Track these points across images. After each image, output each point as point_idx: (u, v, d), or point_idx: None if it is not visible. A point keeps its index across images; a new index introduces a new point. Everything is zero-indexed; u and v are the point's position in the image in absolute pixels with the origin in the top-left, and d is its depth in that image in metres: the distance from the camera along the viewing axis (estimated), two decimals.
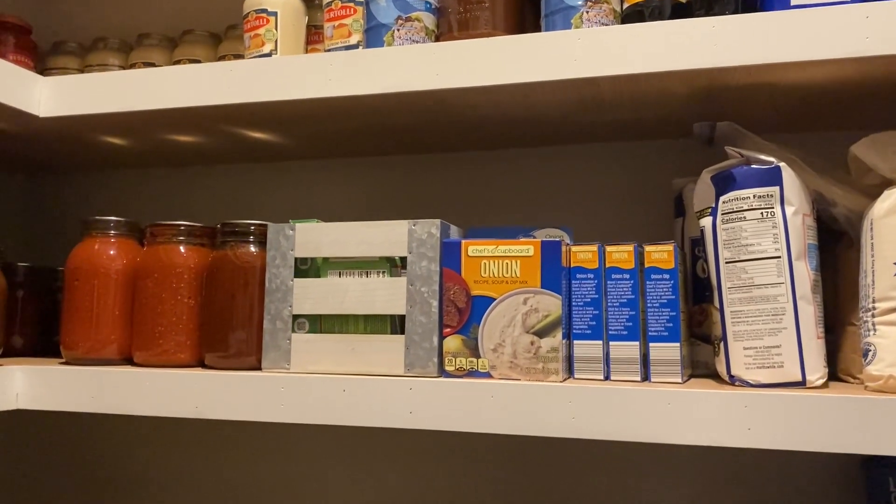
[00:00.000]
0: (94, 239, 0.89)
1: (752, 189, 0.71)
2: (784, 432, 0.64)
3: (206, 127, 0.96)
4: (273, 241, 0.82)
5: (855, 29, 0.67)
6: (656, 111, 0.86)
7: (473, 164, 1.08)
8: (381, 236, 0.79)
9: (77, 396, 0.83)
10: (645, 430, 0.67)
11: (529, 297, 0.73)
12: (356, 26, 0.88)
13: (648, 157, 1.01)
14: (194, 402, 0.79)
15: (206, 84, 0.85)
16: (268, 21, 0.93)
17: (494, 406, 0.71)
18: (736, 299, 0.71)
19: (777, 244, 0.70)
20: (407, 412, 0.73)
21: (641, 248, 0.75)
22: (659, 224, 0.99)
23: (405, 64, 0.79)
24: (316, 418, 0.76)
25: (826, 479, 0.92)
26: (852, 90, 0.77)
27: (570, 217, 1.04)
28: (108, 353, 0.87)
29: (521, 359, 0.73)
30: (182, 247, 0.87)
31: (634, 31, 0.73)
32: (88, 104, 0.90)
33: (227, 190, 1.20)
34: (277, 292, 0.81)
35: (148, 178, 1.24)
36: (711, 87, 0.77)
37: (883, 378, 0.66)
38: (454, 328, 0.75)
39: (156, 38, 1.15)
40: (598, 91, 0.78)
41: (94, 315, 0.87)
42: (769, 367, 0.69)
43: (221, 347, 0.83)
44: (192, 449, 1.16)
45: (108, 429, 1.21)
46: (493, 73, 0.76)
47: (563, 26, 0.78)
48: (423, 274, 0.77)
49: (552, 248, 0.73)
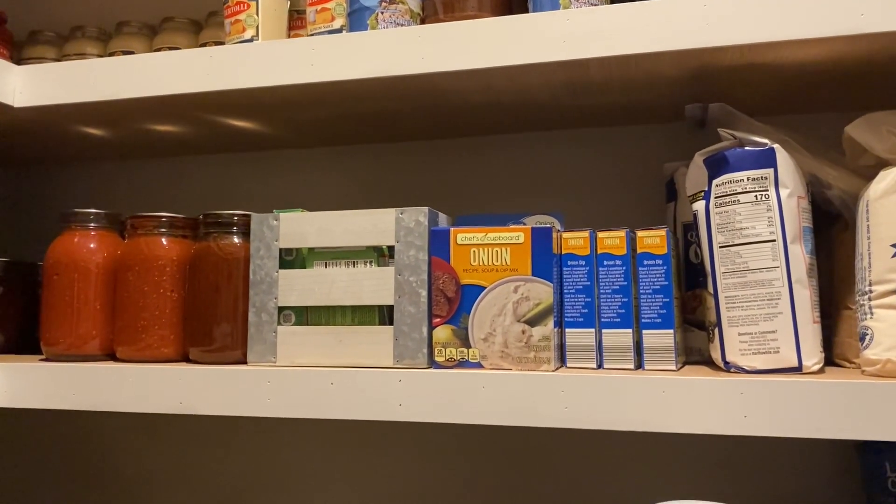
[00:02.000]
0: (74, 232, 0.87)
1: (745, 171, 0.70)
2: (780, 419, 0.63)
3: (187, 116, 0.94)
4: (257, 231, 0.80)
5: (849, 6, 0.66)
6: (647, 94, 0.84)
7: (462, 151, 1.06)
8: (367, 225, 0.77)
9: (57, 393, 0.81)
10: (639, 419, 0.66)
11: (520, 285, 0.72)
12: (339, 10, 0.86)
13: (639, 142, 1.00)
14: (178, 397, 0.77)
15: (185, 71, 0.83)
16: (249, 6, 0.90)
17: (485, 397, 0.70)
18: (730, 284, 0.69)
19: (772, 227, 0.68)
20: (396, 404, 0.72)
21: (633, 233, 0.74)
22: (651, 209, 0.98)
23: (390, 47, 0.76)
24: (303, 412, 0.74)
25: (822, 464, 0.91)
26: (847, 70, 0.75)
27: (561, 204, 1.02)
28: (90, 348, 0.85)
29: (512, 348, 0.72)
30: (164, 239, 0.85)
31: (623, 11, 0.71)
32: (65, 93, 0.87)
33: (212, 181, 1.18)
34: (262, 284, 0.79)
35: (130, 170, 1.22)
36: (703, 69, 0.75)
37: (880, 362, 0.65)
38: (444, 318, 0.74)
39: (135, 25, 1.12)
40: (588, 73, 0.76)
41: (75, 310, 0.85)
42: (765, 353, 0.68)
43: (206, 341, 0.81)
44: (179, 443, 1.14)
45: (93, 425, 1.19)
46: (480, 55, 0.74)
47: (551, 7, 0.76)
48: (412, 263, 0.75)
49: (542, 234, 0.72)
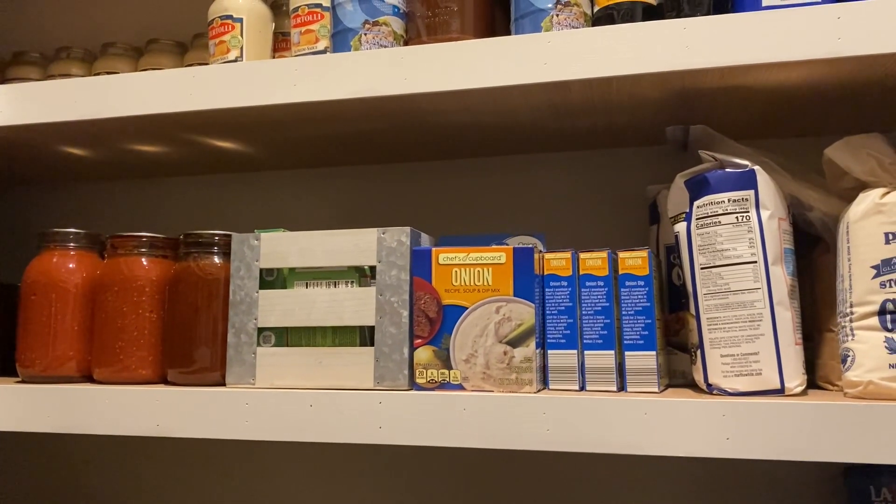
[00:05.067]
0: (53, 252, 0.86)
1: (726, 193, 0.70)
2: (763, 441, 0.62)
3: (170, 136, 0.94)
4: (237, 251, 0.79)
5: (827, 29, 0.66)
6: (629, 116, 0.85)
7: (446, 174, 1.06)
8: (349, 245, 0.76)
9: (32, 416, 0.79)
10: (621, 442, 0.65)
11: (502, 305, 0.71)
12: (323, 32, 0.86)
13: (622, 165, 1.00)
14: (155, 419, 0.76)
15: (168, 91, 0.83)
16: (233, 27, 0.91)
17: (467, 419, 0.69)
18: (712, 305, 0.69)
19: (753, 249, 0.68)
20: (376, 427, 0.71)
21: (615, 254, 0.74)
22: (634, 232, 0.98)
23: (372, 68, 0.77)
24: (282, 435, 0.73)
25: (808, 488, 0.90)
26: (826, 93, 0.76)
27: (545, 227, 1.02)
28: (67, 370, 0.84)
29: (493, 369, 0.71)
30: (144, 259, 0.84)
31: (605, 34, 0.71)
32: (47, 112, 0.86)
33: (195, 203, 1.17)
34: (242, 304, 0.78)
35: (113, 191, 1.21)
36: (684, 91, 0.76)
37: (862, 384, 0.64)
38: (425, 339, 0.73)
39: (120, 47, 1.12)
40: (569, 95, 0.77)
41: (52, 331, 0.84)
42: (747, 375, 0.67)
43: (185, 363, 0.80)
44: (159, 466, 1.12)
45: (72, 447, 1.16)
46: (462, 77, 0.74)
47: (532, 30, 0.77)
48: (393, 283, 0.74)
49: (524, 255, 0.71)
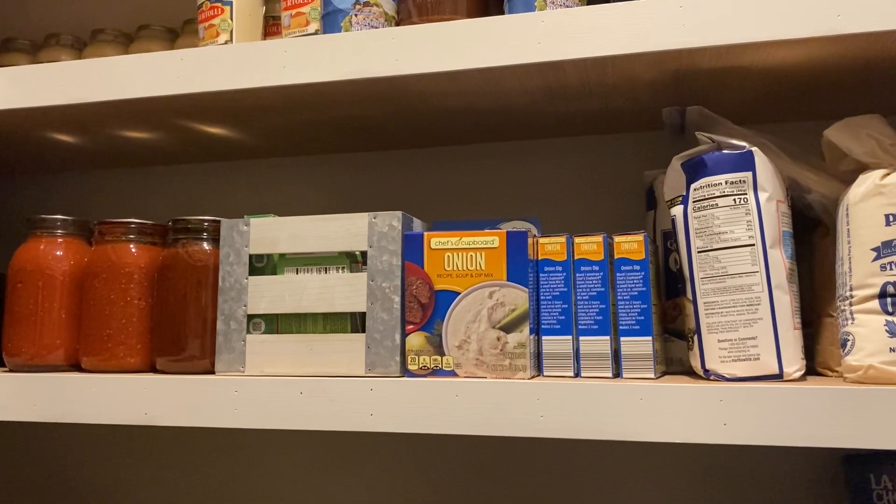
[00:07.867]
0: (40, 239, 0.85)
1: (723, 175, 0.68)
2: (761, 427, 0.61)
3: (158, 121, 0.92)
4: (227, 237, 0.78)
5: (825, 7, 0.65)
6: (626, 99, 0.83)
7: (439, 160, 1.05)
8: (340, 230, 0.75)
9: (18, 405, 0.78)
10: (616, 428, 0.64)
11: (495, 290, 0.70)
12: (314, 14, 0.85)
13: (619, 151, 0.98)
14: (143, 408, 0.75)
15: (156, 74, 0.81)
16: (223, 11, 0.89)
17: (459, 406, 0.67)
18: (709, 290, 0.68)
19: (751, 231, 0.67)
20: (368, 414, 0.69)
21: (611, 238, 0.72)
22: (631, 218, 0.97)
23: (363, 49, 0.75)
24: (272, 423, 0.71)
25: (808, 475, 0.89)
26: (825, 73, 0.75)
27: (541, 213, 1.00)
28: (54, 358, 0.82)
29: (487, 355, 0.70)
30: (132, 245, 0.82)
31: (599, 13, 0.70)
32: (32, 96, 0.85)
33: (185, 191, 1.16)
34: (231, 291, 0.77)
35: (103, 179, 1.20)
36: (681, 71, 0.74)
37: (862, 368, 0.63)
38: (417, 325, 0.72)
39: (110, 33, 1.10)
40: (564, 77, 0.75)
41: (38, 319, 0.82)
42: (745, 360, 0.66)
43: (174, 351, 0.79)
44: (152, 454, 1.11)
45: (66, 436, 1.15)
46: (454, 57, 0.73)
47: (526, 10, 0.75)
48: (385, 269, 0.73)
49: (518, 238, 0.70)
